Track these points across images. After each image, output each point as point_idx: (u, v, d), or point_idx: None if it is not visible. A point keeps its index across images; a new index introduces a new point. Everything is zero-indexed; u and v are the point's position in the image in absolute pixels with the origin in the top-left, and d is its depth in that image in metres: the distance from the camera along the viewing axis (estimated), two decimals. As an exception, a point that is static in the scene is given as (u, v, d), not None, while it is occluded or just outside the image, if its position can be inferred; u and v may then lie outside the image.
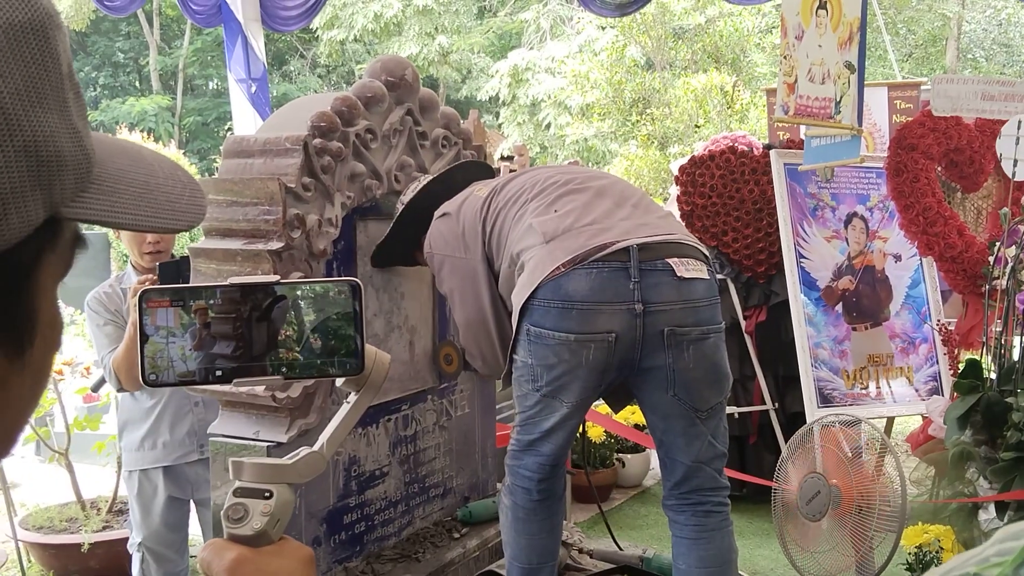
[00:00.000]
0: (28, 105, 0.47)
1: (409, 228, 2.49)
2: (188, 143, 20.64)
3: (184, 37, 21.19)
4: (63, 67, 0.51)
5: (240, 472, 0.96)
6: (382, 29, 17.30)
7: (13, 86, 0.47)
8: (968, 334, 4.01)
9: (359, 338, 0.94)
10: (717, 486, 2.29)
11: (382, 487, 2.58)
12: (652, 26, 12.60)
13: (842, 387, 4.00)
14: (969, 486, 3.06)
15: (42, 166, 0.48)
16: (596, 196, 2.28)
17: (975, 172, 4.09)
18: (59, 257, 0.53)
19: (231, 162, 2.29)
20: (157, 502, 3.02)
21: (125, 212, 0.56)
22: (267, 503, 0.91)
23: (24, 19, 0.48)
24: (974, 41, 18.03)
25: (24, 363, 0.52)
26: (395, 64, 2.50)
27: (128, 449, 3.04)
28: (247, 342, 0.90)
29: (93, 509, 4.18)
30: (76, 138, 0.52)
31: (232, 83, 7.84)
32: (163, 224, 0.59)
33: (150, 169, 0.60)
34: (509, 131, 16.23)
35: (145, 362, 0.89)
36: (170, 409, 2.96)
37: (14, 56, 0.47)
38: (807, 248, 4.15)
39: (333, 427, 1.05)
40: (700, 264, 2.21)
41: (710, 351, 2.20)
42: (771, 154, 4.27)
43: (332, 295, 0.94)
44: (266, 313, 0.91)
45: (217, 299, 0.90)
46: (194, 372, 0.90)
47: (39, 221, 0.49)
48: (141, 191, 0.58)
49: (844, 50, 3.66)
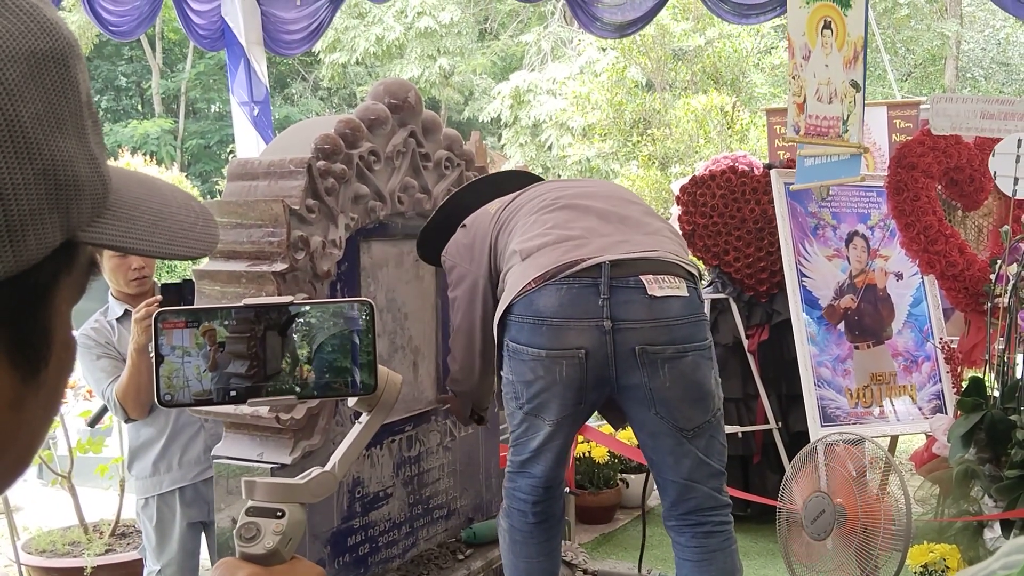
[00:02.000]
0: (48, 130, 0.49)
1: (444, 224, 2.52)
2: (190, 166, 20.70)
3: (186, 61, 21.31)
4: (82, 95, 0.53)
5: (252, 491, 0.96)
6: (384, 52, 17.41)
7: (34, 111, 0.48)
8: (971, 352, 4.01)
9: (372, 357, 0.95)
10: (716, 505, 2.25)
11: (386, 508, 2.57)
12: (652, 48, 12.68)
13: (845, 406, 3.99)
14: (974, 504, 3.05)
15: (60, 190, 0.50)
16: (583, 212, 2.28)
17: (975, 190, 4.10)
18: (74, 281, 0.55)
19: (236, 184, 2.30)
20: (175, 527, 3.00)
21: (140, 238, 0.57)
22: (279, 522, 0.92)
23: (47, 48, 0.49)
24: (973, 60, 18.11)
25: (39, 384, 0.53)
26: (398, 87, 2.52)
27: (141, 476, 3.02)
28: (261, 362, 0.91)
29: (96, 532, 4.17)
30: (93, 164, 0.53)
31: (235, 106, 7.88)
32: (176, 251, 0.60)
33: (164, 198, 0.62)
34: (511, 152, 16.28)
35: (161, 382, 0.90)
36: (181, 431, 2.95)
37: (36, 83, 0.48)
38: (808, 267, 4.15)
39: (345, 447, 1.05)
40: (679, 281, 2.17)
41: (688, 369, 2.16)
42: (771, 174, 4.29)
43: (345, 315, 0.94)
44: (280, 334, 0.92)
45: (232, 320, 0.91)
46: (209, 392, 0.91)
47: (56, 244, 0.50)
48: (155, 219, 0.59)
49: (849, 69, 3.69)
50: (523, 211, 2.33)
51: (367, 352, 0.95)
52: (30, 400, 0.53)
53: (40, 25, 0.49)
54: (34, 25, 0.49)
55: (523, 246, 2.22)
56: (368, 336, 0.95)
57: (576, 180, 2.63)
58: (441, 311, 2.78)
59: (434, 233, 2.53)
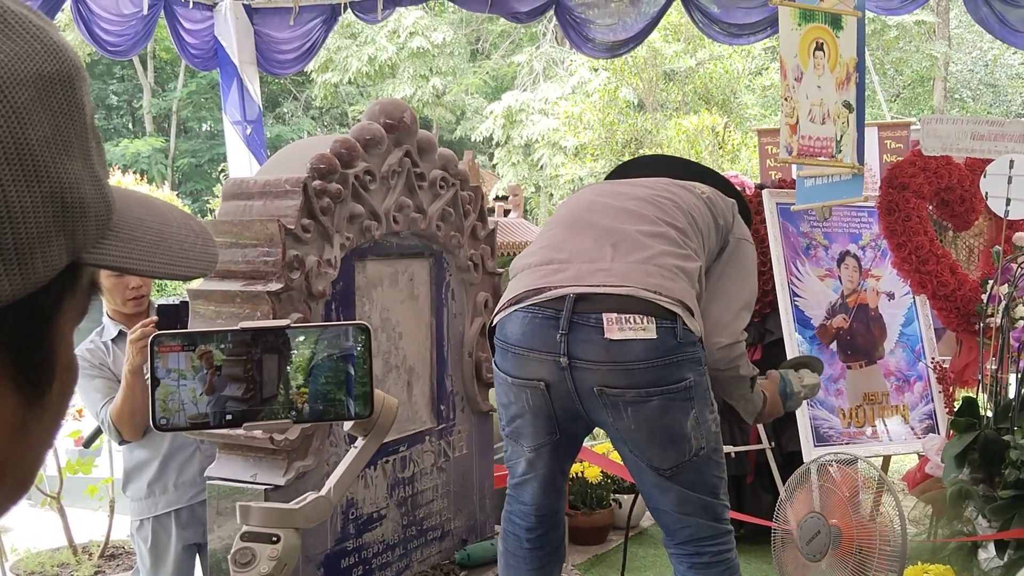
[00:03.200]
0: (55, 153, 0.49)
1: None
2: (181, 184, 20.69)
3: (178, 80, 21.35)
4: (87, 117, 0.53)
5: (248, 516, 0.96)
6: (376, 72, 17.48)
7: (42, 134, 0.48)
8: (963, 372, 4.03)
9: (368, 382, 0.94)
10: (714, 534, 2.14)
11: (380, 530, 2.56)
12: (644, 68, 12.76)
13: (838, 425, 4.00)
14: (968, 525, 3.05)
15: (67, 212, 0.50)
16: (583, 230, 2.22)
17: (966, 211, 4.13)
18: (77, 303, 0.55)
19: (231, 204, 2.30)
20: (171, 550, 2.97)
21: (142, 259, 0.57)
22: (274, 547, 0.91)
23: (54, 70, 0.50)
24: (961, 81, 18.27)
25: (43, 407, 0.53)
26: (393, 107, 2.52)
27: (136, 498, 2.98)
28: (257, 386, 0.91)
29: (85, 554, 4.13)
30: (98, 186, 0.53)
31: (227, 125, 7.91)
32: (177, 271, 0.60)
33: (164, 218, 0.62)
34: (503, 171, 16.34)
35: (156, 405, 0.89)
36: (176, 452, 2.93)
37: (43, 105, 0.49)
38: (801, 287, 4.17)
39: (340, 472, 1.05)
40: (647, 322, 1.99)
41: (654, 414, 2.02)
42: (763, 194, 4.30)
43: (342, 339, 0.94)
44: (277, 357, 0.92)
45: (228, 343, 0.90)
46: (205, 416, 0.90)
47: (62, 266, 0.50)
48: (156, 239, 0.60)
49: (842, 90, 3.71)
50: (552, 218, 2.34)
51: (363, 376, 0.94)
52: (34, 424, 0.52)
53: (47, 47, 0.50)
54: (41, 48, 0.49)
55: (517, 262, 2.21)
56: (365, 360, 0.94)
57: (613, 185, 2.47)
58: (435, 330, 2.77)
59: None
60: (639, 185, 2.40)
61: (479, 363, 2.90)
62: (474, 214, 2.85)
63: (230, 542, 2.20)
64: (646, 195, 2.32)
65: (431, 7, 17.20)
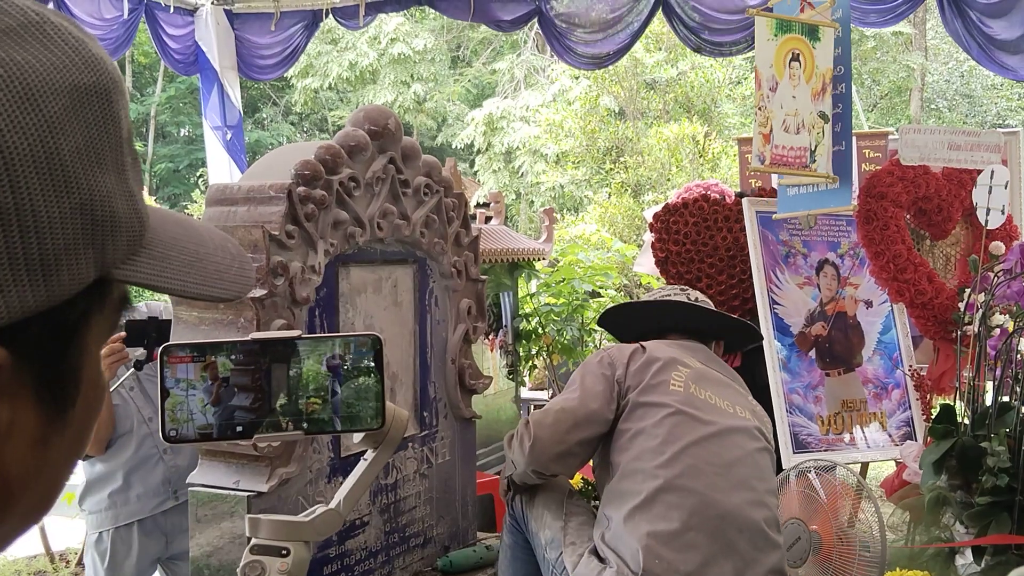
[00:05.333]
0: (87, 165, 0.48)
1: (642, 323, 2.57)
2: (159, 189, 20.56)
3: (156, 84, 21.22)
4: (123, 132, 0.52)
5: (257, 529, 0.95)
6: (357, 78, 17.44)
7: (74, 145, 0.48)
8: (940, 379, 4.06)
9: (380, 394, 0.93)
10: None
11: (362, 537, 2.55)
12: (624, 77, 12.81)
13: (817, 432, 4.03)
14: (945, 531, 3.07)
15: (96, 226, 0.49)
16: (714, 534, 2.03)
17: (943, 220, 4.17)
18: (105, 318, 0.54)
19: (214, 210, 2.30)
20: (129, 563, 2.92)
21: (174, 278, 0.57)
22: (284, 560, 0.91)
23: (90, 82, 0.49)
24: (937, 92, 18.47)
25: (65, 423, 0.52)
26: (378, 113, 2.53)
27: (96, 510, 2.92)
28: (266, 396, 0.90)
29: (62, 561, 4.09)
30: (131, 201, 0.53)
31: (207, 130, 7.87)
32: (210, 292, 0.60)
33: (200, 239, 0.61)
34: (484, 178, 16.34)
35: (165, 416, 0.89)
36: (141, 464, 2.89)
37: (77, 117, 0.48)
38: (780, 294, 4.20)
39: (350, 485, 1.04)
40: None
41: None
42: (743, 202, 4.34)
43: (352, 349, 0.93)
44: (285, 368, 0.91)
45: (238, 353, 0.89)
46: (214, 426, 0.90)
47: (89, 280, 0.50)
48: (191, 259, 0.59)
49: (817, 101, 3.74)
50: (648, 421, 2.17)
51: (375, 388, 0.93)
52: (55, 440, 0.52)
53: (85, 59, 0.50)
54: (79, 59, 0.49)
55: (638, 531, 2.02)
56: (375, 371, 0.93)
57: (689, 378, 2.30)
58: (419, 337, 2.78)
59: None
60: (732, 423, 2.25)
61: (462, 370, 2.90)
62: (458, 221, 2.86)
63: (210, 548, 2.20)
64: (744, 449, 2.23)
65: (412, 14, 17.20)
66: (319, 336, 0.99)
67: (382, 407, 0.94)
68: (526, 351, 5.33)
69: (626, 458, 2.14)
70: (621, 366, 2.27)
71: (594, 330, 5.80)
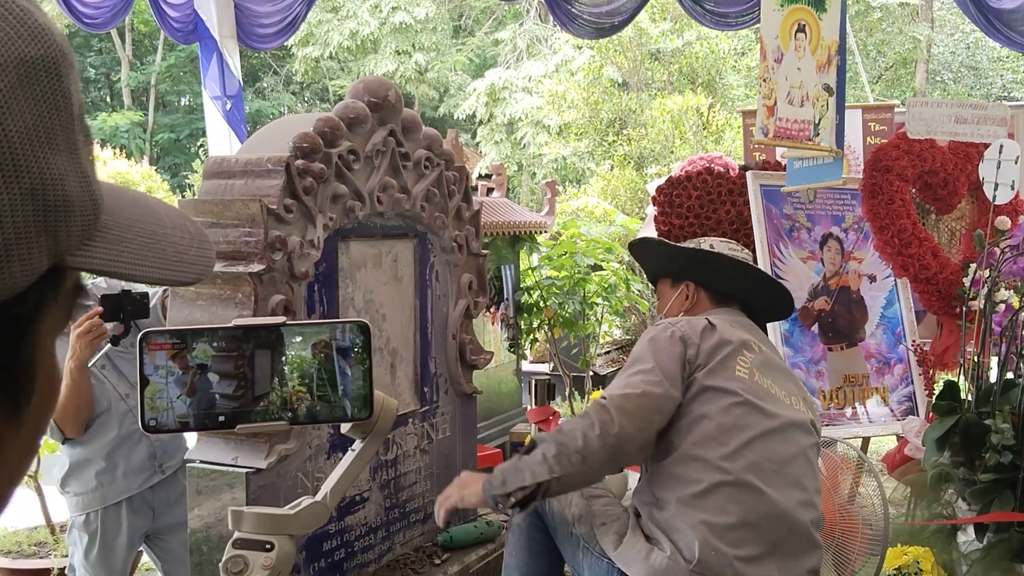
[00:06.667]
0: (37, 146, 0.45)
1: (678, 262, 2.46)
2: (160, 159, 20.48)
3: (156, 53, 21.07)
4: (75, 108, 0.48)
5: (240, 522, 0.92)
6: (358, 47, 17.31)
7: (23, 124, 0.44)
8: (943, 354, 4.05)
9: (368, 383, 0.90)
10: None
11: (362, 512, 2.54)
12: (628, 47, 12.68)
13: (818, 407, 4.02)
14: (947, 507, 3.07)
15: (49, 211, 0.46)
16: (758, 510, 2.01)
17: (949, 194, 4.14)
18: (60, 308, 0.50)
19: (212, 183, 2.26)
20: (120, 541, 2.89)
21: (132, 263, 0.53)
22: (268, 555, 0.88)
23: (37, 55, 0.45)
24: (942, 64, 18.31)
25: (21, 421, 0.49)
26: (378, 85, 2.48)
27: (82, 492, 2.88)
28: (249, 384, 0.87)
29: (63, 533, 4.09)
30: (85, 183, 0.49)
31: (207, 100, 7.79)
32: (171, 276, 0.56)
33: (158, 219, 0.58)
34: (486, 150, 16.26)
35: (145, 405, 0.86)
36: (122, 440, 2.85)
37: (25, 93, 0.44)
38: (783, 269, 4.17)
39: (337, 476, 1.02)
40: None
41: None
42: (747, 175, 4.29)
43: (340, 336, 0.90)
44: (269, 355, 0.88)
45: (220, 340, 0.86)
46: (195, 416, 0.87)
47: (43, 270, 0.46)
48: (149, 241, 0.55)
49: (822, 73, 3.69)
50: (716, 414, 2.09)
51: (362, 377, 0.90)
52: (10, 439, 0.48)
53: (31, 30, 0.45)
54: (24, 30, 0.45)
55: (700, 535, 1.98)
56: (363, 360, 0.90)
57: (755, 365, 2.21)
58: (419, 312, 2.75)
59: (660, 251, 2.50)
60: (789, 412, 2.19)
61: (463, 345, 2.88)
62: (459, 195, 2.82)
63: (210, 520, 2.19)
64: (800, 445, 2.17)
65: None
66: (305, 323, 0.95)
67: (370, 397, 0.91)
68: (527, 324, 5.31)
69: (687, 441, 2.07)
70: (693, 345, 2.15)
71: (595, 303, 5.78)
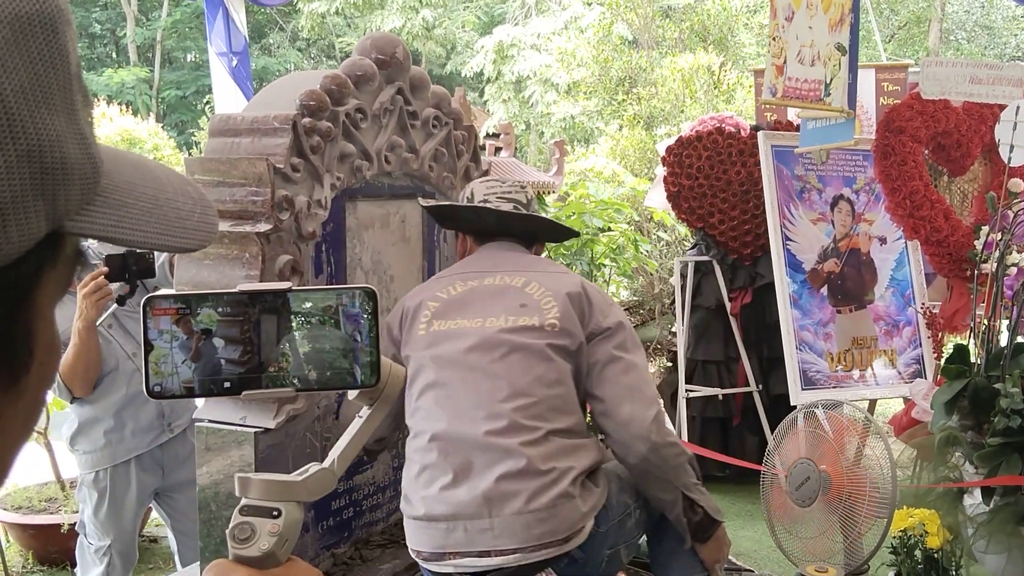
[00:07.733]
0: (33, 106, 0.43)
1: None
2: (166, 116, 20.38)
3: (162, 8, 20.88)
4: (72, 66, 0.46)
5: (247, 489, 0.92)
6: (365, 2, 17.12)
7: (18, 83, 0.42)
8: (952, 317, 4.03)
9: (375, 349, 0.89)
10: None
11: (370, 472, 2.55)
12: (639, 4, 12.51)
13: (826, 369, 4.01)
14: (954, 471, 3.07)
15: (46, 174, 0.44)
16: (451, 451, 1.98)
17: (962, 156, 4.09)
18: (59, 275, 0.49)
19: (217, 141, 2.24)
20: (130, 498, 2.92)
21: (133, 228, 0.51)
22: (275, 522, 0.87)
23: (32, 11, 0.43)
24: (956, 23, 18.06)
25: (19, 391, 0.47)
26: (385, 42, 2.45)
27: (91, 450, 2.90)
28: (256, 349, 0.86)
29: (73, 489, 4.13)
30: (83, 145, 0.47)
31: (212, 56, 7.72)
32: (173, 242, 0.54)
33: (159, 183, 0.56)
34: (494, 108, 16.13)
35: (149, 370, 0.85)
36: (130, 399, 2.87)
37: (20, 51, 0.42)
38: (793, 230, 4.14)
39: (344, 443, 1.01)
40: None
41: None
42: (759, 136, 4.25)
43: (347, 302, 0.89)
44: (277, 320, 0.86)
45: (225, 306, 0.85)
46: (200, 382, 0.86)
47: (40, 235, 0.44)
48: (150, 206, 0.53)
49: (835, 32, 3.63)
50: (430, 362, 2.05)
51: (370, 343, 0.89)
52: (8, 411, 0.47)
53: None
54: None
55: (408, 490, 2.04)
56: (371, 326, 0.89)
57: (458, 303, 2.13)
58: (427, 273, 2.74)
59: None
60: (492, 303, 2.09)
61: (470, 305, 2.87)
62: (467, 154, 2.80)
63: (219, 477, 2.20)
64: (499, 338, 2.03)
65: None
66: (311, 288, 0.93)
67: (377, 363, 0.90)
68: (535, 285, 5.30)
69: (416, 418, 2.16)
70: (395, 328, 2.20)
71: (603, 265, 5.76)
